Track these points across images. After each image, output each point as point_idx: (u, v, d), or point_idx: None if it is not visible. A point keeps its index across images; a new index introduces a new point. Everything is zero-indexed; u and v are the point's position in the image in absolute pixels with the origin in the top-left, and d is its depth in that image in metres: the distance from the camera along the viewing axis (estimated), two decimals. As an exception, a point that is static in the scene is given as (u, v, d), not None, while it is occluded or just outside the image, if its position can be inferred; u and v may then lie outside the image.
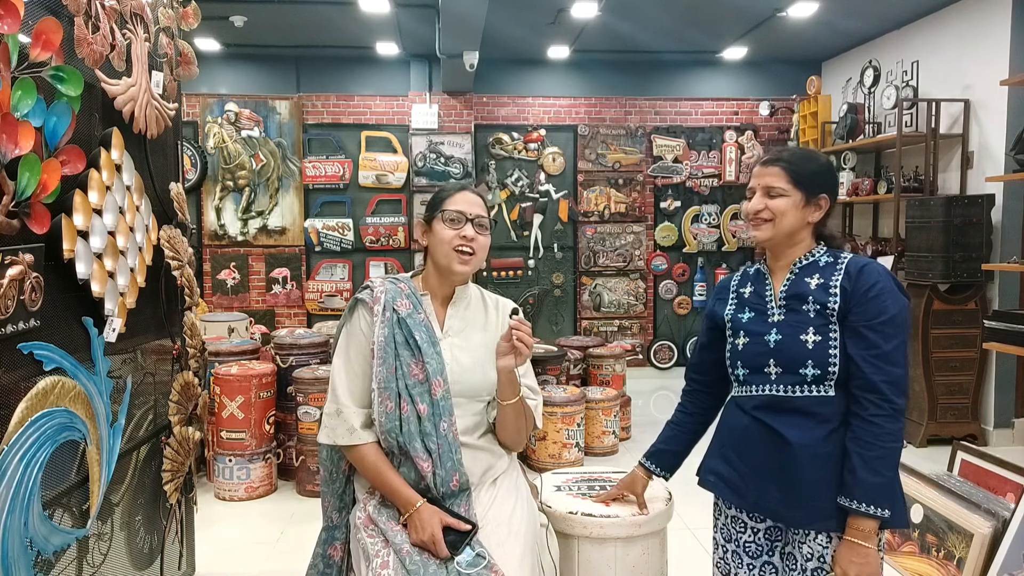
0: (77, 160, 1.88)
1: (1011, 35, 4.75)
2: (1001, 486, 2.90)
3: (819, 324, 1.61)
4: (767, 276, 1.74)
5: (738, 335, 1.72)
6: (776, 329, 1.66)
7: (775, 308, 1.68)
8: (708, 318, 1.86)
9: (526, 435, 1.87)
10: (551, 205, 7.07)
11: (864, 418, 1.55)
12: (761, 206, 1.67)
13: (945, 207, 4.71)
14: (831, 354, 1.59)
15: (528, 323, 1.73)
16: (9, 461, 1.58)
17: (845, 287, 1.60)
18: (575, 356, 5.13)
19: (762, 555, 1.71)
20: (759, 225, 1.68)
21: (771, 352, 1.65)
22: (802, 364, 1.61)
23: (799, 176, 1.66)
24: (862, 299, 1.58)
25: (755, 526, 1.71)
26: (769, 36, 6.15)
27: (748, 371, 1.69)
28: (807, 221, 1.68)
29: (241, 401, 3.93)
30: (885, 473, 1.52)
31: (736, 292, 1.79)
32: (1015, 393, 4.96)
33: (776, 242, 1.69)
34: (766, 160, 1.71)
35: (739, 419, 1.73)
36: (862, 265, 1.62)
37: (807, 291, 1.64)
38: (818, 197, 1.68)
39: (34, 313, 1.69)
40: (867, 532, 1.52)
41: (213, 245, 6.80)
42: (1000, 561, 2.59)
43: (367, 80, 6.89)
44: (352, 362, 1.78)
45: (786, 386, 1.63)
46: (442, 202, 1.81)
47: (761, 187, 1.68)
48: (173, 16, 2.65)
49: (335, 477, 1.87)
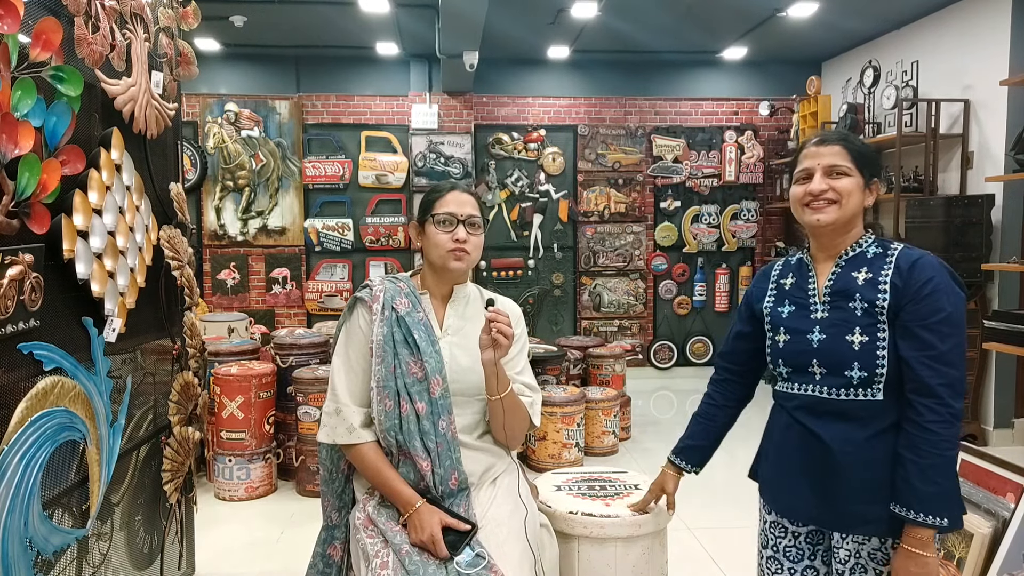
0: (77, 160, 1.87)
1: (1011, 35, 4.75)
2: (1001, 486, 2.90)
3: (867, 323, 1.50)
4: (811, 267, 1.62)
5: (778, 331, 1.62)
6: (819, 327, 1.55)
7: (818, 304, 1.57)
8: (746, 306, 1.75)
9: (522, 433, 1.85)
10: (551, 205, 7.07)
11: (920, 424, 1.44)
12: (825, 186, 1.54)
13: (945, 207, 4.71)
14: (879, 355, 1.48)
15: (505, 313, 1.70)
16: (9, 461, 1.58)
17: (896, 283, 1.49)
18: (575, 356, 5.13)
19: (803, 559, 1.63)
20: (823, 208, 1.54)
21: (814, 352, 1.54)
22: (848, 366, 1.50)
23: (860, 157, 1.56)
24: (916, 296, 1.46)
25: (796, 530, 1.64)
26: (769, 36, 6.16)
27: (791, 369, 1.60)
28: (864, 206, 1.57)
29: (241, 401, 3.93)
30: (942, 482, 1.43)
31: (776, 283, 1.67)
32: (1015, 393, 4.96)
33: (836, 227, 1.56)
34: (823, 139, 1.58)
35: (780, 417, 1.65)
36: (915, 259, 1.50)
37: (854, 287, 1.53)
38: (873, 181, 1.58)
39: (34, 313, 1.69)
40: (925, 541, 1.43)
41: (213, 245, 6.80)
42: (1000, 561, 2.59)
43: (367, 80, 6.89)
44: (351, 361, 1.78)
45: (831, 388, 1.53)
46: (433, 204, 1.80)
47: (823, 167, 1.55)
48: (173, 16, 2.65)
49: (335, 477, 1.87)
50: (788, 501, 1.62)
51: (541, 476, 2.31)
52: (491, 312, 1.68)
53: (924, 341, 1.45)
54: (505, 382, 1.74)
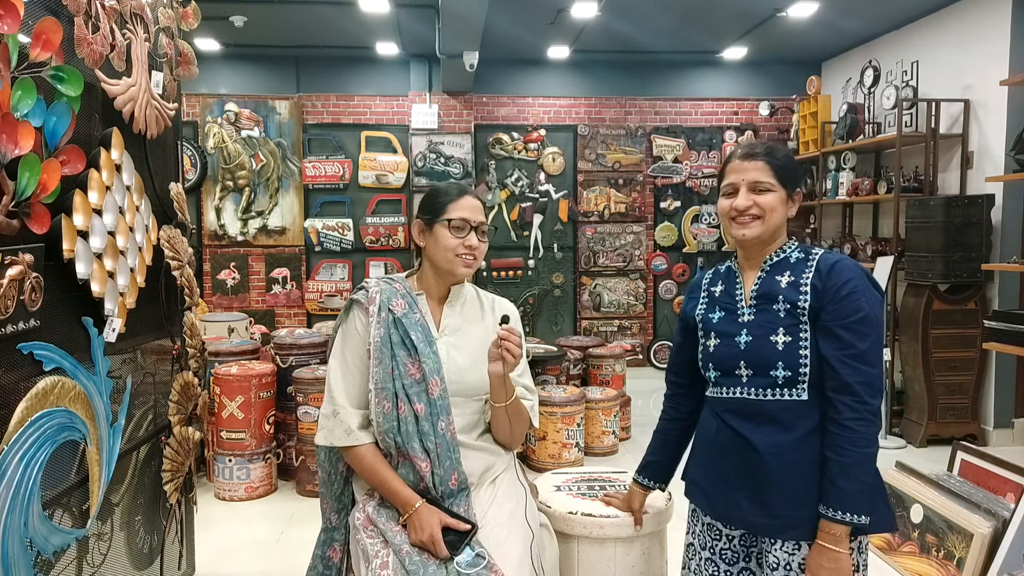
0: (77, 160, 1.87)
1: (1011, 35, 4.75)
2: (1001, 486, 2.90)
3: (789, 324, 1.56)
4: (738, 275, 1.68)
5: (709, 336, 1.67)
6: (746, 330, 1.60)
7: (745, 308, 1.63)
8: (683, 319, 1.80)
9: (522, 434, 1.87)
10: (551, 205, 7.08)
11: (839, 423, 1.49)
12: (750, 202, 1.59)
13: (945, 207, 4.71)
14: (802, 354, 1.54)
15: (518, 332, 1.70)
16: (9, 461, 1.58)
17: (816, 285, 1.55)
18: (575, 356, 5.13)
19: (739, 561, 1.67)
20: (748, 223, 1.60)
21: (741, 354, 1.60)
22: (772, 366, 1.56)
23: (783, 171, 1.61)
24: (835, 297, 1.52)
25: (730, 533, 1.67)
26: (769, 36, 6.16)
27: (719, 373, 1.65)
28: (787, 217, 1.64)
29: (241, 401, 3.93)
30: (864, 480, 1.47)
31: (707, 291, 1.73)
32: (1015, 393, 4.96)
33: (761, 239, 1.62)
34: (747, 154, 1.62)
35: (710, 423, 1.69)
36: (833, 262, 1.57)
37: (777, 290, 1.59)
38: (795, 192, 1.64)
39: (34, 313, 1.69)
40: (839, 536, 1.47)
41: (213, 245, 6.80)
42: (1000, 561, 2.59)
43: (367, 80, 6.90)
44: (348, 363, 1.78)
45: (757, 389, 1.58)
46: (444, 207, 1.79)
47: (747, 183, 1.60)
48: (173, 16, 2.65)
49: (333, 479, 1.87)
50: (722, 507, 1.65)
51: (541, 476, 2.31)
52: (504, 330, 1.68)
53: (843, 340, 1.51)
54: (511, 391, 1.75)
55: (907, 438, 5.03)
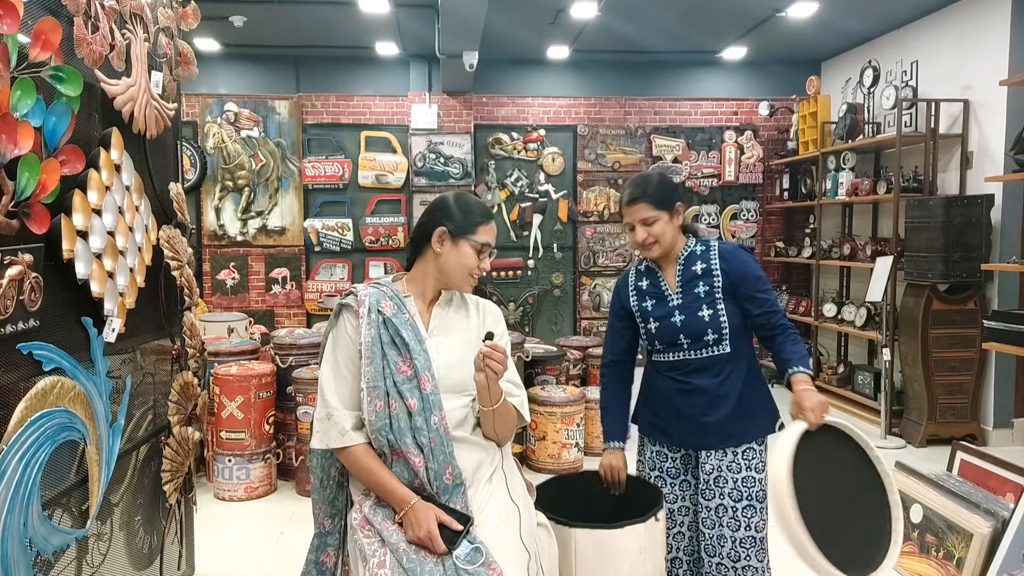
0: (76, 160, 1.88)
1: (1011, 35, 4.75)
2: (1001, 486, 2.90)
3: (709, 300, 2.10)
4: (658, 271, 2.18)
5: (648, 321, 2.16)
6: (678, 311, 2.11)
7: (672, 294, 2.14)
8: (618, 308, 2.25)
9: (511, 432, 1.90)
10: (551, 205, 7.08)
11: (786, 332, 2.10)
12: (645, 235, 2.09)
13: (944, 207, 4.71)
14: (722, 321, 2.09)
15: (502, 348, 1.75)
16: (9, 461, 1.58)
17: (725, 269, 2.10)
18: (575, 356, 5.13)
19: (680, 475, 2.19)
20: (650, 248, 2.11)
21: (679, 330, 2.11)
22: (704, 333, 2.09)
23: (658, 200, 2.08)
24: (744, 274, 2.09)
25: (672, 455, 2.20)
26: (769, 36, 6.16)
27: (664, 345, 2.15)
28: (677, 227, 2.13)
29: (241, 401, 3.93)
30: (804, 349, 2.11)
31: (635, 286, 2.21)
32: (1014, 393, 4.96)
33: (665, 252, 2.13)
34: (628, 200, 2.11)
35: (658, 379, 2.19)
36: (730, 250, 2.14)
37: (696, 277, 2.12)
38: (676, 207, 2.10)
39: (33, 313, 1.69)
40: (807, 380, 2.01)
41: (213, 245, 6.79)
42: (1000, 561, 2.59)
43: (367, 80, 6.89)
44: (340, 366, 1.80)
45: (695, 351, 2.11)
46: (477, 228, 1.85)
47: (637, 221, 2.09)
48: (173, 16, 2.65)
49: (326, 484, 1.88)
50: (676, 436, 2.16)
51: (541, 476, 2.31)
52: (487, 346, 1.72)
53: (762, 301, 2.11)
54: (497, 394, 1.78)
55: (907, 438, 5.03)
